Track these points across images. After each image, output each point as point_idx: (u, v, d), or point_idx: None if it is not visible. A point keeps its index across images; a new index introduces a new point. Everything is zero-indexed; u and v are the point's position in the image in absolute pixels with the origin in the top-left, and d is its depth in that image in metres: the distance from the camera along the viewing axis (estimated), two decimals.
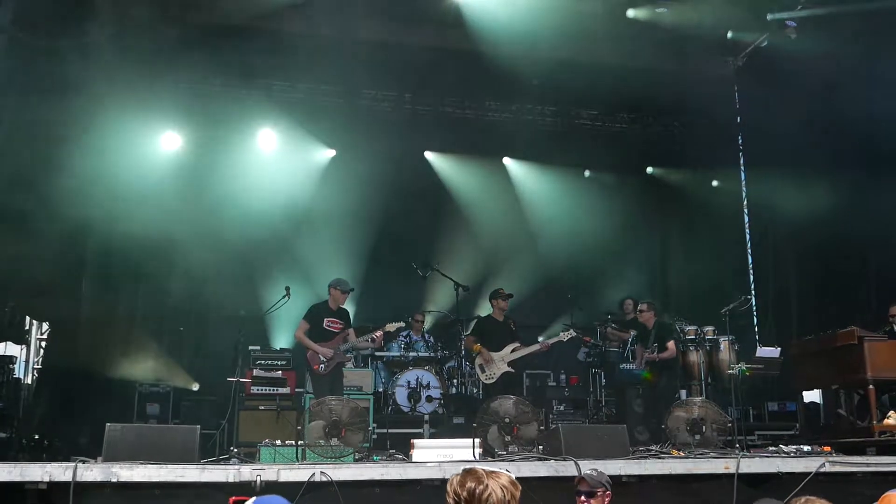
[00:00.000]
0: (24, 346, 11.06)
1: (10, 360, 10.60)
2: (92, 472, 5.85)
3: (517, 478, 3.44)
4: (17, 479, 5.70)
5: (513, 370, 10.70)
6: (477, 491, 3.25)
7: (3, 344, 10.35)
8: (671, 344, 10.67)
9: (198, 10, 11.87)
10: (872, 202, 11.68)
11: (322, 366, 9.76)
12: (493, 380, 10.60)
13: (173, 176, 13.12)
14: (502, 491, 3.26)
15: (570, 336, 10.97)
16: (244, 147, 13.73)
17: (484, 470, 3.34)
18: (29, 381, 11.22)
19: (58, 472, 5.76)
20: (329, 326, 9.98)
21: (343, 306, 10.22)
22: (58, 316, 11.12)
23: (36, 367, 11.36)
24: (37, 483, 5.72)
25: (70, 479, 5.71)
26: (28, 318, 10.93)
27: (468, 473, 3.32)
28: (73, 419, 10.61)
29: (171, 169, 13.21)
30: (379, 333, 9.91)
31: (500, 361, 10.67)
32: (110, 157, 12.02)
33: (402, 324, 10.45)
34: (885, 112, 11.04)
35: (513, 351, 10.72)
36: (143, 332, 12.53)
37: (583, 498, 5.45)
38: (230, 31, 12.07)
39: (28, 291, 9.93)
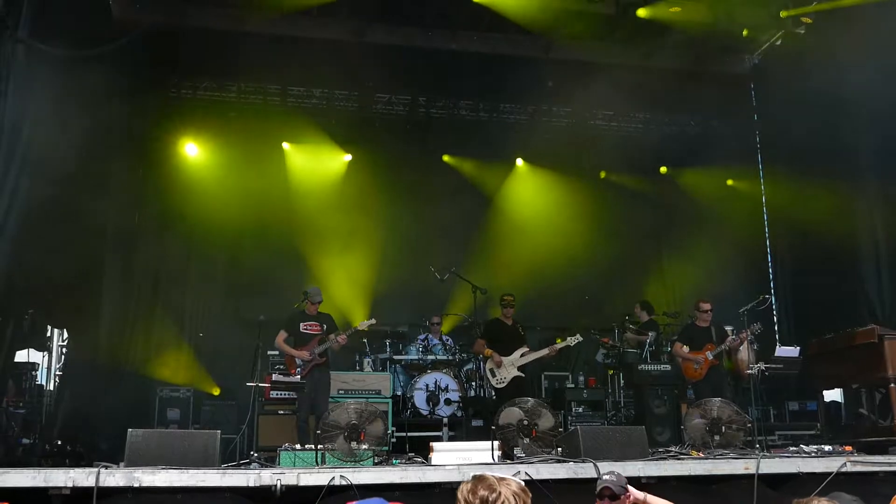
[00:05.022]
0: (45, 352, 11.16)
1: (33, 366, 10.73)
2: (114, 477, 5.90)
3: (537, 480, 3.43)
4: (42, 484, 5.76)
5: (523, 374, 10.71)
6: (490, 499, 3.19)
7: (25, 351, 10.45)
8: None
9: (213, 17, 11.95)
10: (891, 200, 11.58)
11: (298, 369, 9.87)
12: (504, 384, 10.64)
13: (190, 182, 13.24)
14: (514, 498, 3.21)
15: (576, 341, 10.94)
16: (260, 153, 13.80)
17: (495, 477, 3.29)
18: (51, 388, 11.31)
19: (81, 477, 5.81)
20: (306, 330, 10.08)
21: (323, 312, 10.33)
22: (78, 323, 11.21)
23: (57, 373, 11.46)
24: (60, 489, 5.78)
25: (93, 485, 5.76)
26: (49, 326, 11.01)
27: (479, 481, 3.25)
28: (94, 425, 10.70)
29: (188, 175, 13.34)
30: (342, 337, 9.96)
31: (511, 366, 10.70)
32: (128, 164, 12.15)
33: (373, 321, 10.48)
34: None
35: (522, 355, 10.74)
36: (163, 337, 12.62)
37: (607, 502, 5.43)
38: (245, 38, 12.15)
39: (48, 299, 10.01)
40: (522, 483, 3.31)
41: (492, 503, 3.19)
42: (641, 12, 12.05)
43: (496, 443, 7.24)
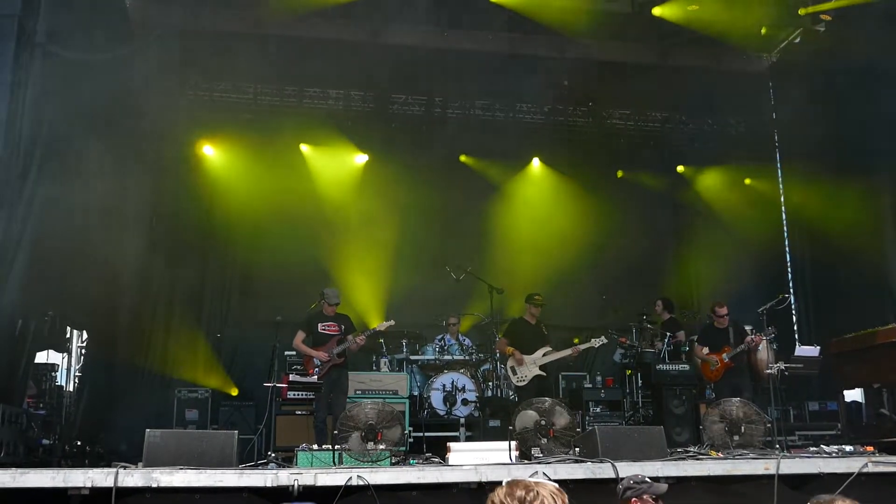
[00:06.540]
0: (65, 353, 11.23)
1: (52, 367, 10.80)
2: (133, 477, 5.92)
3: (555, 480, 3.37)
4: (61, 485, 5.79)
5: (544, 374, 10.69)
6: (528, 498, 3.13)
7: (45, 352, 10.52)
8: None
9: (229, 19, 11.99)
10: None
11: (315, 369, 9.86)
12: (525, 382, 10.63)
13: (206, 182, 13.30)
14: (552, 497, 3.16)
15: (601, 343, 10.99)
16: (277, 153, 13.82)
17: (529, 480, 3.25)
18: (70, 389, 11.39)
19: (100, 477, 5.84)
20: (324, 330, 10.07)
21: (341, 312, 10.32)
22: (97, 324, 11.27)
23: (77, 374, 11.53)
24: (79, 489, 5.80)
25: (112, 485, 5.78)
26: (68, 327, 11.08)
27: (514, 484, 3.20)
28: (113, 426, 10.75)
29: (205, 176, 13.39)
30: (361, 338, 9.96)
31: (532, 364, 10.68)
32: (145, 166, 12.21)
33: (392, 322, 10.46)
34: None
35: (544, 355, 10.72)
36: (181, 338, 12.67)
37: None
38: (262, 39, 12.19)
39: (68, 300, 10.07)
40: (557, 484, 3.27)
41: (530, 502, 3.13)
42: (657, 11, 12.01)
43: (513, 443, 7.22)
